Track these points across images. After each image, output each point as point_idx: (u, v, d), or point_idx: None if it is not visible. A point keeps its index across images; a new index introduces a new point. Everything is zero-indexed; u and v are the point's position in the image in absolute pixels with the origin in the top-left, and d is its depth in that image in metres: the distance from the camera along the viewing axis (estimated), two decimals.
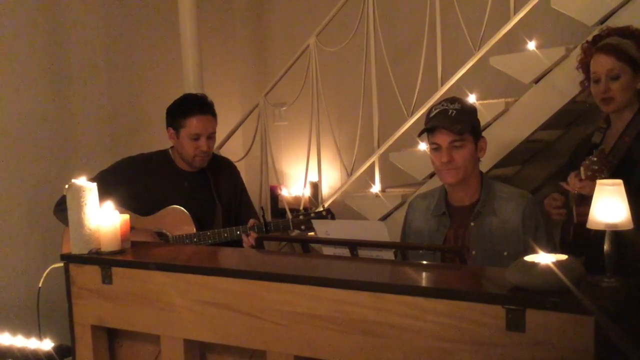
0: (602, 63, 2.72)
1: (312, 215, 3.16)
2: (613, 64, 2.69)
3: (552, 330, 1.61)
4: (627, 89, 2.69)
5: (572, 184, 2.54)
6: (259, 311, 2.04)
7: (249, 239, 3.03)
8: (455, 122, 2.55)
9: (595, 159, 2.46)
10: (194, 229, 3.16)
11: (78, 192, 2.36)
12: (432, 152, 2.65)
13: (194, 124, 3.15)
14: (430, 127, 2.60)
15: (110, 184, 3.04)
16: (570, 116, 4.06)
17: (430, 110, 2.66)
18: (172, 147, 3.31)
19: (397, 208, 4.16)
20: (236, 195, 3.36)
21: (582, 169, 2.49)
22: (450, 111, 2.57)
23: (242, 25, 6.09)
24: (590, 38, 2.88)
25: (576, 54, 3.32)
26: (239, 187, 3.40)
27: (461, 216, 2.66)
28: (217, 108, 3.28)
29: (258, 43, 6.04)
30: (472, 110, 2.66)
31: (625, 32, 2.76)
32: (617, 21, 3.25)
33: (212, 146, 3.23)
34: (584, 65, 2.86)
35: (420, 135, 2.75)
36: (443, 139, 2.58)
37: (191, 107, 3.19)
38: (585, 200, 2.50)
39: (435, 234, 2.69)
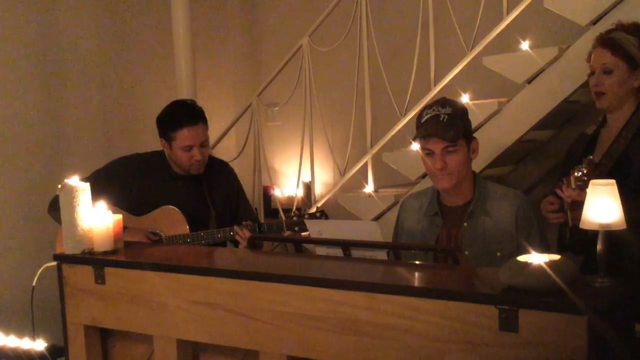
0: (598, 56, 2.70)
1: (306, 216, 3.15)
2: (608, 58, 2.66)
3: (545, 330, 1.62)
4: (619, 85, 2.65)
5: (567, 194, 2.51)
6: (252, 311, 2.04)
7: (243, 232, 3.00)
8: (447, 128, 2.52)
9: (584, 170, 2.43)
10: (188, 229, 3.15)
11: (71, 192, 2.35)
12: (425, 156, 2.62)
13: (184, 135, 3.10)
14: (422, 135, 2.59)
15: (105, 183, 3.03)
16: (563, 116, 4.06)
17: (420, 114, 2.63)
18: None
19: (390, 208, 4.16)
20: (232, 199, 3.33)
21: (571, 179, 2.46)
22: (442, 116, 2.54)
23: (235, 25, 6.08)
24: (603, 32, 2.87)
25: (569, 53, 3.33)
26: (234, 191, 3.35)
27: (454, 216, 2.65)
28: (210, 108, 3.26)
29: (251, 43, 6.03)
30: (463, 113, 2.63)
31: (631, 29, 2.73)
32: (611, 21, 3.25)
33: (206, 153, 3.18)
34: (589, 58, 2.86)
35: (414, 140, 2.74)
36: (436, 146, 2.55)
37: (180, 119, 3.12)
38: (578, 205, 2.49)
39: (427, 234, 2.68)
